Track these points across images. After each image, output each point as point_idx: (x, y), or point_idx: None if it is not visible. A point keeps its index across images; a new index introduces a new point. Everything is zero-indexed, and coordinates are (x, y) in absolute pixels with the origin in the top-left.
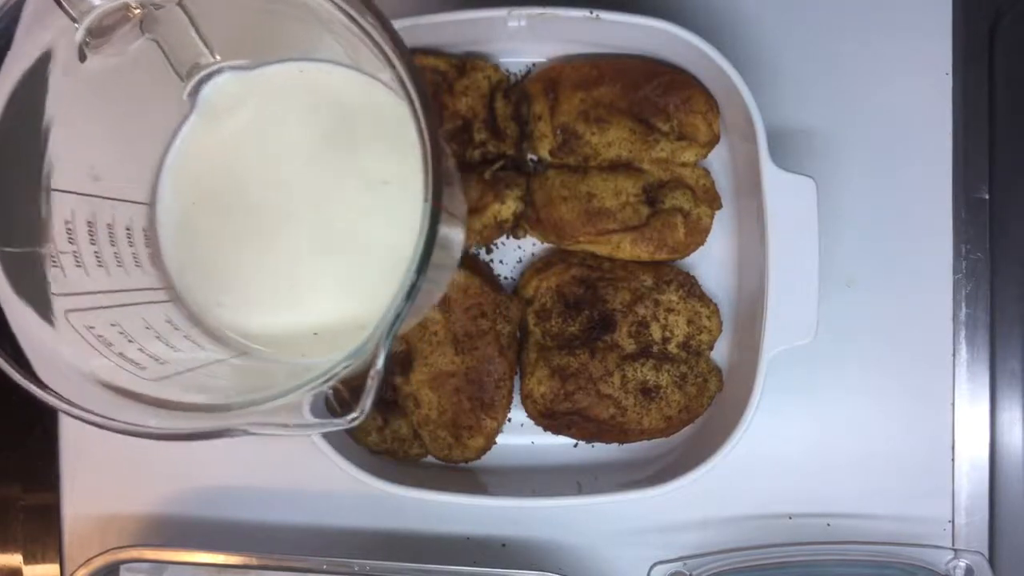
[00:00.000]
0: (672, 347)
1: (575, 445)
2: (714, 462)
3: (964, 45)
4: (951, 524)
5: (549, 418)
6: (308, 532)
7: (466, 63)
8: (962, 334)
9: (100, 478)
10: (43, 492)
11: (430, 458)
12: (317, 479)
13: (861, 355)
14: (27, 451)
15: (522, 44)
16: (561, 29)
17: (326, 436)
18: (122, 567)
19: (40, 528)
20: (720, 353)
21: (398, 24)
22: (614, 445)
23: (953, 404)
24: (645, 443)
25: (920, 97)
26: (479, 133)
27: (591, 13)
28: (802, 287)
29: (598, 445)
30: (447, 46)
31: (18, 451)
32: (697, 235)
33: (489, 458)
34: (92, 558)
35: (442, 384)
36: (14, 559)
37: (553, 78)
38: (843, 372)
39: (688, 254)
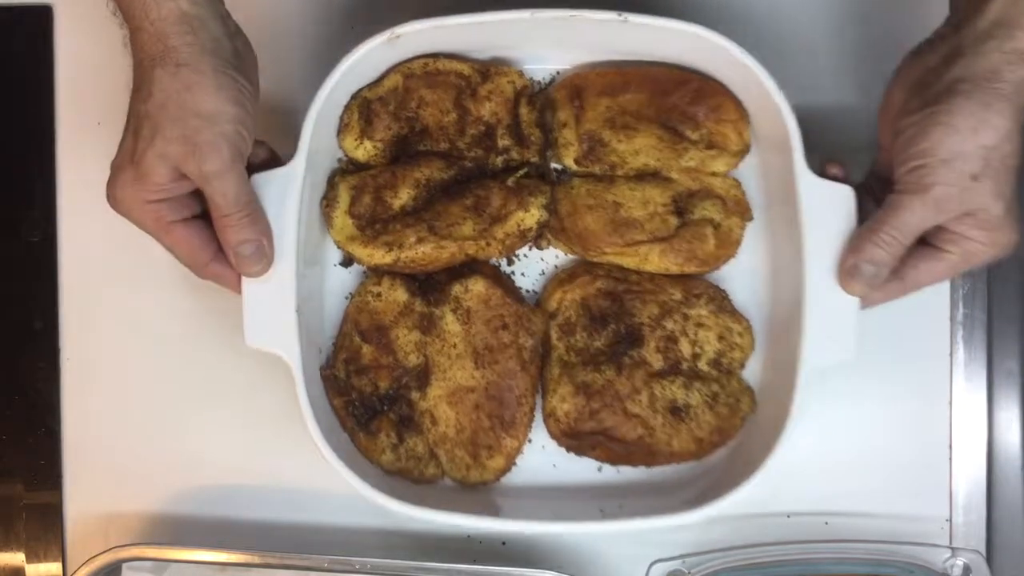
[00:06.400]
0: (702, 364)
1: (599, 468)
2: (747, 488)
3: None
4: (948, 522)
5: (573, 438)
6: (309, 530)
7: (490, 68)
8: (959, 334)
9: (102, 477)
10: (45, 491)
11: (446, 479)
12: (319, 478)
13: (859, 354)
14: (30, 450)
15: (547, 51)
16: (587, 34)
17: (340, 455)
18: (124, 566)
19: (42, 527)
20: (751, 372)
21: (422, 26)
22: (641, 468)
23: (951, 403)
24: (675, 466)
25: None
26: (503, 139)
27: (619, 16)
28: (841, 302)
29: (624, 468)
30: (471, 51)
31: (21, 450)
32: (728, 247)
33: (508, 480)
34: (94, 557)
35: (461, 400)
36: (16, 558)
37: (579, 85)
38: (841, 371)
39: (718, 267)
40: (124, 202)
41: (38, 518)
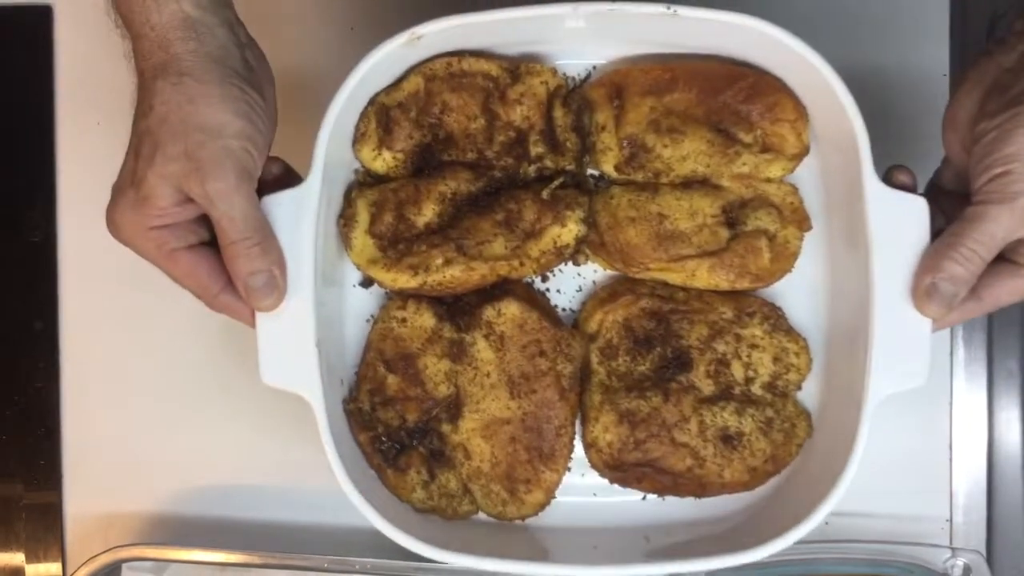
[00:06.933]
0: (756, 388)
1: (643, 498)
2: (810, 524)
3: (961, 47)
4: (949, 523)
5: (616, 470)
6: (309, 530)
7: (520, 67)
8: (959, 334)
9: (102, 477)
10: (45, 491)
11: (481, 515)
12: (319, 477)
13: None
14: (29, 450)
15: (582, 44)
16: (629, 27)
17: (367, 496)
18: (124, 566)
19: (42, 527)
20: (808, 394)
21: (446, 24)
22: (689, 498)
23: (951, 403)
24: (725, 496)
25: (916, 99)
26: (536, 146)
27: (668, 8)
28: (912, 323)
29: (670, 498)
30: (498, 47)
31: (20, 450)
32: (784, 260)
33: (546, 514)
34: (94, 557)
35: (495, 432)
36: (16, 558)
37: (619, 83)
38: None
39: (773, 282)
40: (124, 228)
41: (38, 518)
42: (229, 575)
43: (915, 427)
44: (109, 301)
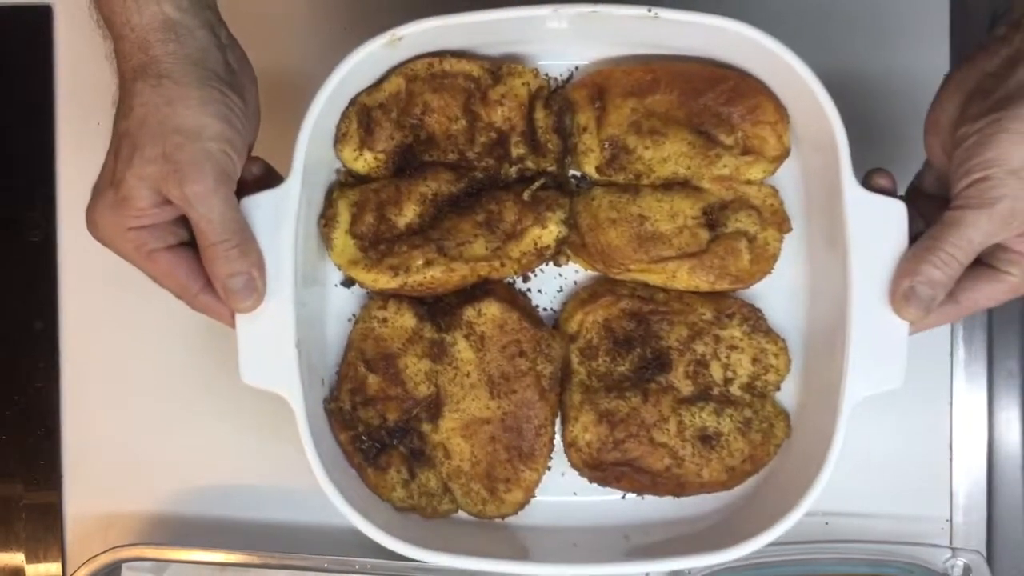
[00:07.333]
0: (735, 389)
1: (623, 497)
2: (786, 525)
3: (961, 47)
4: (949, 523)
5: (596, 469)
6: (309, 530)
7: (502, 68)
8: (960, 334)
9: (102, 477)
10: (45, 491)
11: (461, 514)
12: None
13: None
14: (29, 450)
15: (564, 45)
16: (611, 28)
17: (345, 494)
18: (124, 566)
19: (42, 527)
20: (786, 394)
21: (427, 25)
22: (668, 498)
23: (951, 403)
24: (703, 495)
25: (918, 99)
26: (517, 147)
27: (649, 11)
28: (890, 326)
29: (649, 497)
30: (480, 47)
31: (20, 450)
32: (763, 262)
33: (526, 512)
34: (94, 557)
35: (475, 432)
36: (16, 558)
37: (600, 84)
38: None
39: (753, 283)
40: (104, 228)
41: (38, 518)
42: (229, 575)
43: (915, 427)
44: (109, 301)
